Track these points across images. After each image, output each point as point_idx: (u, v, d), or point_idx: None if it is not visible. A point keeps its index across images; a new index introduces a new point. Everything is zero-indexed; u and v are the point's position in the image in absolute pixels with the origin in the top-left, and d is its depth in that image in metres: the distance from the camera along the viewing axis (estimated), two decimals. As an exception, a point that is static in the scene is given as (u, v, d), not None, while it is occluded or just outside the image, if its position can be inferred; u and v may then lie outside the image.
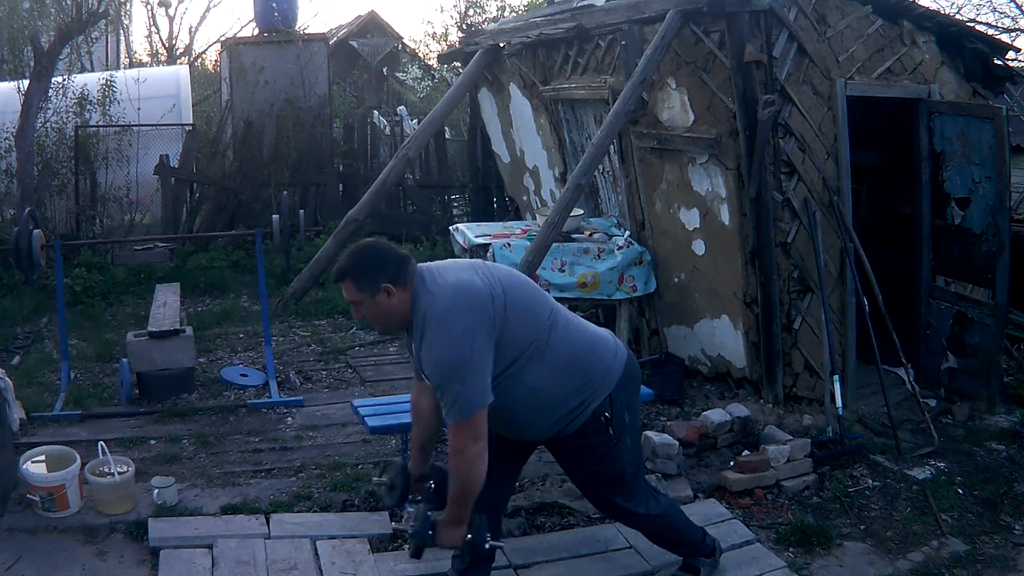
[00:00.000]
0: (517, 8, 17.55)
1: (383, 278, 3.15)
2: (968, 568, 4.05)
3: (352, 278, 3.19)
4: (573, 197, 5.99)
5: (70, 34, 9.37)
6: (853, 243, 5.52)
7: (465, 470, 3.12)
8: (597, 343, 3.43)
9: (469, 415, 3.07)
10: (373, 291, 3.16)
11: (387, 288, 3.15)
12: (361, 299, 3.20)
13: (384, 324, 3.31)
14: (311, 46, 11.41)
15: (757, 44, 5.24)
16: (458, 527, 3.21)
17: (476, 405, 3.08)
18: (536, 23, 7.43)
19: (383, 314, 3.22)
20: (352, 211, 8.35)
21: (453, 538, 3.23)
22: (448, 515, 3.23)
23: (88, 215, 9.42)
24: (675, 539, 3.77)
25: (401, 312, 3.20)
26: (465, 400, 3.06)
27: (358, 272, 3.19)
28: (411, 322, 3.20)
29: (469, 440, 3.08)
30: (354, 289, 3.20)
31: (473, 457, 3.10)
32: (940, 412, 5.71)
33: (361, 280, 3.18)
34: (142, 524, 4.13)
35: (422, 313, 3.13)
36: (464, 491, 3.15)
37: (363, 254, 3.22)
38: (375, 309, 3.21)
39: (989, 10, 15.74)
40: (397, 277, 3.16)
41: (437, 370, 3.10)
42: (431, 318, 3.10)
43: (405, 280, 3.17)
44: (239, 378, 6.19)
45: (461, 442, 3.09)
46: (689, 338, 6.19)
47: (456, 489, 3.17)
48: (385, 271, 3.16)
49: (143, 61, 21.31)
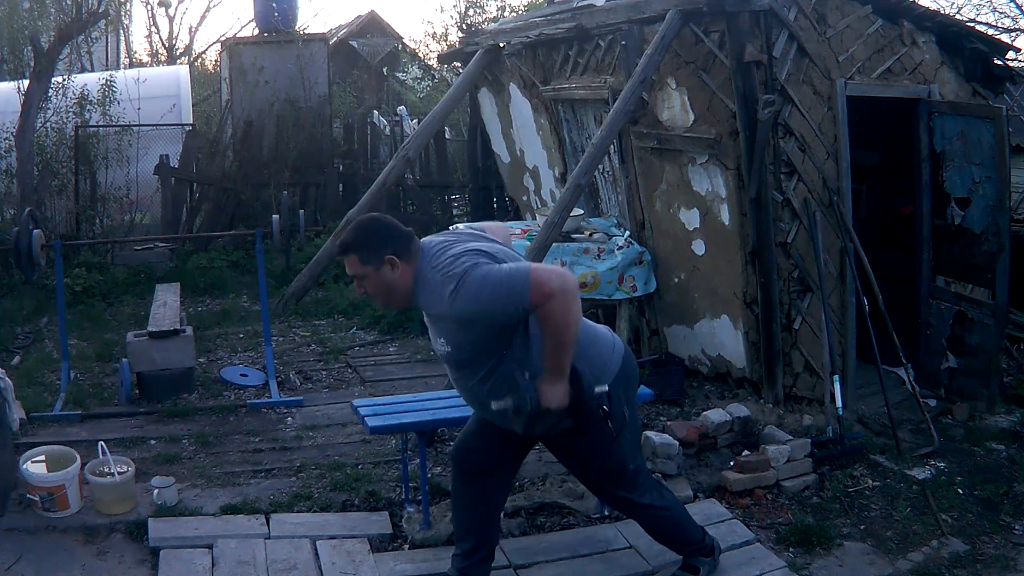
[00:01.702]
0: (517, 8, 17.57)
1: (387, 250, 3.13)
2: (968, 568, 4.05)
3: (356, 251, 3.16)
4: (573, 197, 5.98)
5: (70, 34, 9.37)
6: (853, 243, 5.52)
7: (560, 311, 2.92)
8: (595, 337, 3.41)
9: (528, 276, 2.92)
10: (378, 264, 3.13)
11: (391, 260, 3.13)
12: (365, 272, 3.17)
13: (386, 298, 3.26)
14: (311, 46, 11.41)
15: (757, 44, 5.24)
16: (561, 381, 3.05)
17: (525, 268, 2.96)
18: (536, 23, 7.43)
19: (387, 287, 3.18)
20: (352, 211, 8.34)
21: (559, 396, 3.05)
22: (549, 369, 3.04)
23: (88, 215, 9.42)
24: (676, 535, 3.76)
25: (404, 285, 3.17)
26: (516, 275, 2.94)
27: (362, 244, 3.16)
28: (415, 295, 3.17)
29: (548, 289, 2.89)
30: (358, 262, 3.17)
31: (562, 296, 2.90)
32: (940, 412, 5.71)
33: (365, 252, 3.15)
34: (142, 524, 4.13)
35: (430, 277, 3.08)
36: (562, 338, 2.97)
37: (367, 227, 3.20)
38: (378, 282, 3.17)
39: (989, 10, 15.76)
40: (401, 250, 3.14)
41: (477, 297, 2.96)
42: (443, 276, 3.03)
43: (409, 253, 3.15)
44: (239, 378, 6.19)
45: (543, 293, 2.90)
46: (689, 338, 6.19)
47: (552, 338, 2.97)
48: (389, 243, 3.14)
49: (143, 61, 21.34)
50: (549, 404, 3.05)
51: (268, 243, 7.28)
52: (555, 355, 3.01)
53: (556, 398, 3.05)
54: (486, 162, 9.72)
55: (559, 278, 2.94)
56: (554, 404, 3.06)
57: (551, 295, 2.90)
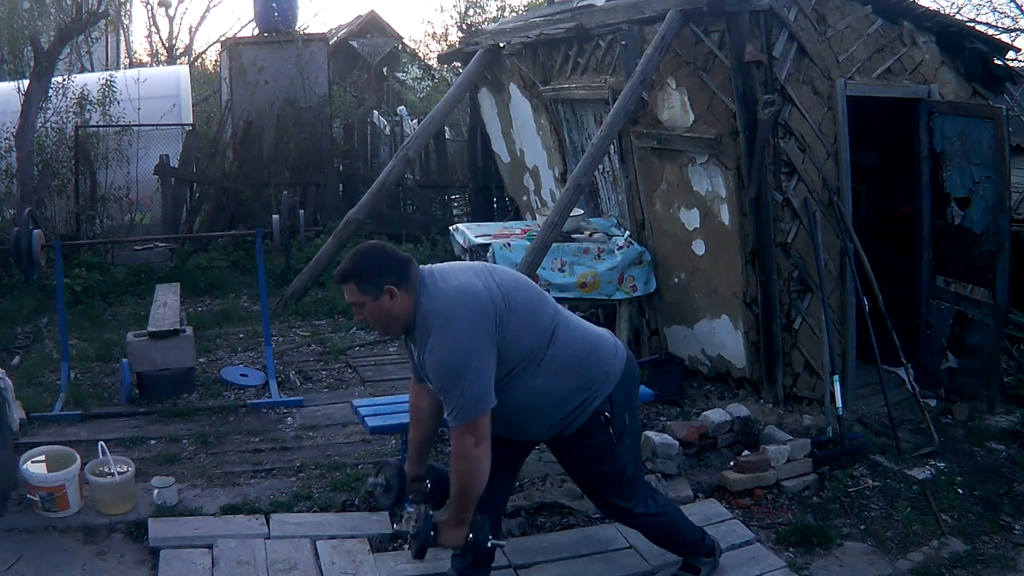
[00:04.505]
0: (517, 8, 17.57)
1: (386, 280, 3.14)
2: (968, 568, 4.05)
3: (355, 280, 3.18)
4: (573, 197, 5.99)
5: (70, 34, 9.36)
6: (853, 243, 5.52)
7: (468, 472, 3.11)
8: (598, 344, 3.42)
9: (472, 418, 3.07)
10: (376, 293, 3.15)
11: (390, 290, 3.14)
12: (364, 301, 3.18)
13: (385, 326, 3.29)
14: (311, 46, 11.40)
15: (757, 44, 5.24)
16: (460, 527, 3.20)
17: (479, 409, 3.07)
18: (536, 23, 7.43)
19: (385, 316, 3.20)
20: (352, 211, 8.35)
21: (455, 538, 3.22)
22: (450, 516, 3.22)
23: (88, 215, 9.41)
24: (674, 538, 3.77)
25: (403, 314, 3.18)
26: (468, 403, 3.06)
27: (361, 274, 3.17)
28: (412, 325, 3.19)
29: (471, 443, 3.08)
30: (357, 291, 3.18)
31: (476, 460, 3.09)
32: (940, 412, 5.71)
33: (364, 282, 3.16)
34: (142, 524, 4.13)
35: (424, 316, 3.12)
36: (466, 493, 3.15)
37: (366, 256, 3.20)
38: (377, 311, 3.19)
39: (989, 10, 15.77)
40: (400, 279, 3.15)
41: (440, 373, 3.08)
42: (434, 321, 3.09)
43: (408, 282, 3.16)
44: (239, 378, 6.19)
45: (464, 445, 3.08)
46: (689, 338, 6.19)
47: (458, 491, 3.16)
48: (388, 273, 3.15)
49: (143, 61, 21.30)
50: (444, 543, 3.24)
51: (268, 243, 7.28)
52: (458, 504, 3.19)
53: (452, 540, 3.23)
54: (486, 162, 9.72)
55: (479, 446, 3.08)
56: (449, 544, 3.25)
57: (465, 453, 3.08)
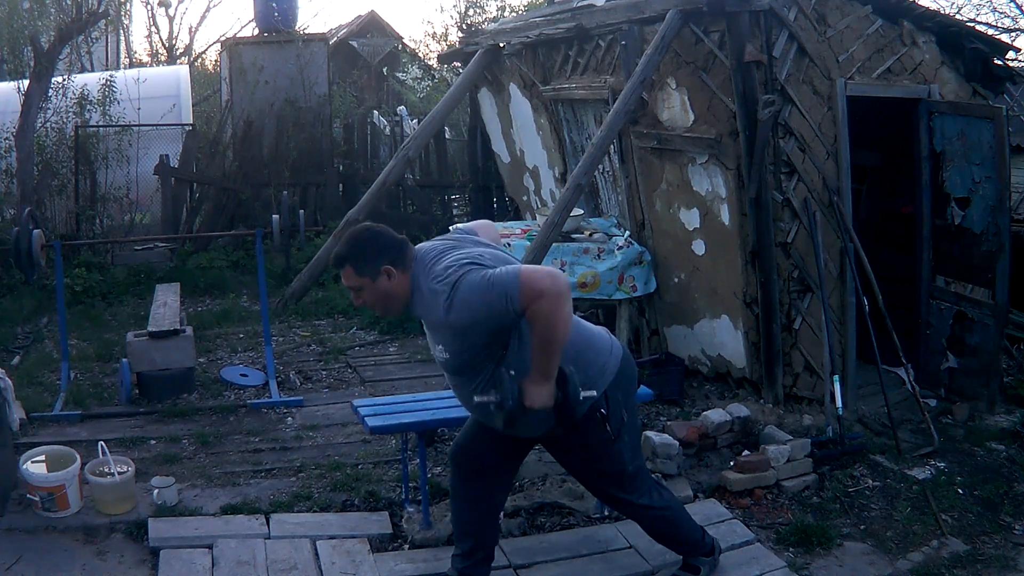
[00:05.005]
0: (517, 8, 17.57)
1: (383, 260, 3.13)
2: (968, 568, 4.05)
3: (352, 263, 3.17)
4: (573, 197, 5.99)
5: (70, 34, 9.37)
6: (853, 243, 5.52)
7: (548, 311, 2.87)
8: (593, 340, 3.40)
9: (517, 277, 2.90)
10: (374, 275, 3.14)
11: (387, 270, 3.13)
12: (362, 284, 3.17)
13: (385, 307, 3.26)
14: (311, 46, 11.41)
15: (757, 44, 5.24)
16: (546, 383, 3.00)
17: (515, 269, 2.94)
18: (536, 23, 7.43)
19: (384, 297, 3.19)
20: (352, 211, 8.34)
21: (543, 396, 3.00)
22: (534, 370, 2.99)
23: (88, 215, 9.42)
24: (675, 536, 3.76)
25: (402, 294, 3.17)
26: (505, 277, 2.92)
27: (357, 256, 3.16)
28: (412, 303, 3.18)
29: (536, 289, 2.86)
30: (354, 274, 3.17)
31: (554, 295, 2.87)
32: (940, 412, 5.71)
33: (361, 264, 3.15)
34: (142, 524, 4.13)
35: (428, 287, 3.09)
36: (550, 338, 2.92)
37: (361, 238, 3.20)
38: (376, 293, 3.18)
39: (989, 10, 15.77)
40: (397, 259, 3.15)
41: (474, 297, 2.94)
42: (438, 285, 3.03)
43: (405, 261, 3.16)
44: (239, 378, 6.19)
45: (533, 292, 2.87)
46: (689, 338, 6.19)
47: (540, 338, 2.93)
48: (384, 253, 3.15)
49: (143, 61, 21.32)
50: (532, 404, 3.00)
51: (268, 243, 7.28)
52: (543, 355, 2.97)
53: (540, 398, 3.01)
54: (486, 162, 9.71)
55: (549, 278, 2.91)
56: (536, 404, 3.01)
57: (540, 294, 2.88)
